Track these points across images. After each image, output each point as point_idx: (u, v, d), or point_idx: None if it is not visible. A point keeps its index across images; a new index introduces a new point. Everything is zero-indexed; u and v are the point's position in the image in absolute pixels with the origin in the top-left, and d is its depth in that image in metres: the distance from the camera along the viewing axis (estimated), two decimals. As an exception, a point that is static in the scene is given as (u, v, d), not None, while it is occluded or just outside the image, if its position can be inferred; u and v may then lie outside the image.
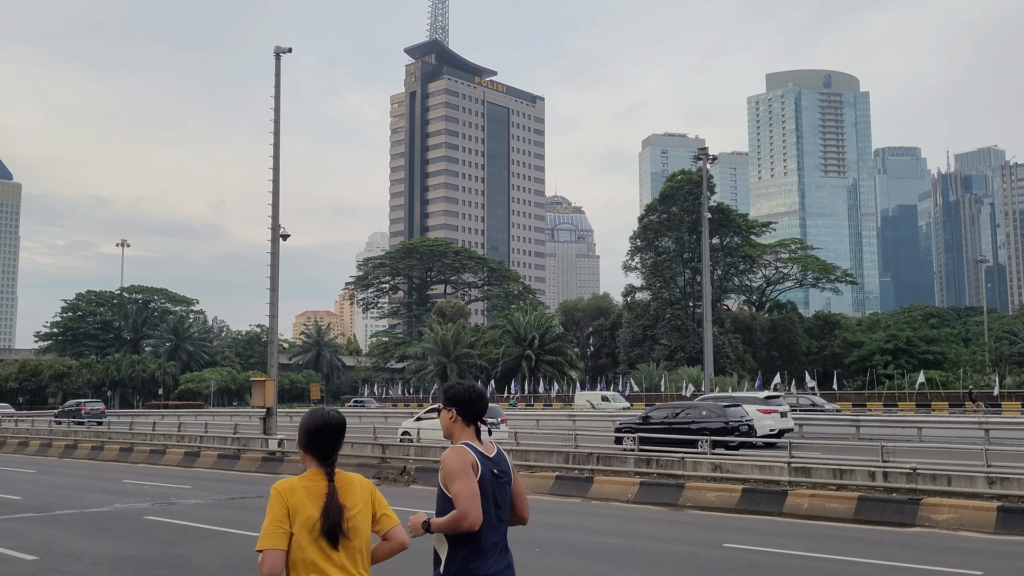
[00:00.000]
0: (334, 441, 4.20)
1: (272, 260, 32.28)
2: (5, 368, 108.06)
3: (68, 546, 12.68)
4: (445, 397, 4.67)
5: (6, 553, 12.03)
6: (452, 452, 4.48)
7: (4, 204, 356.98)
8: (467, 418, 4.63)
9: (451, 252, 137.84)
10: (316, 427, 4.20)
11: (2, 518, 15.91)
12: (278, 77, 32.61)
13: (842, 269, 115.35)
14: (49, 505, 17.83)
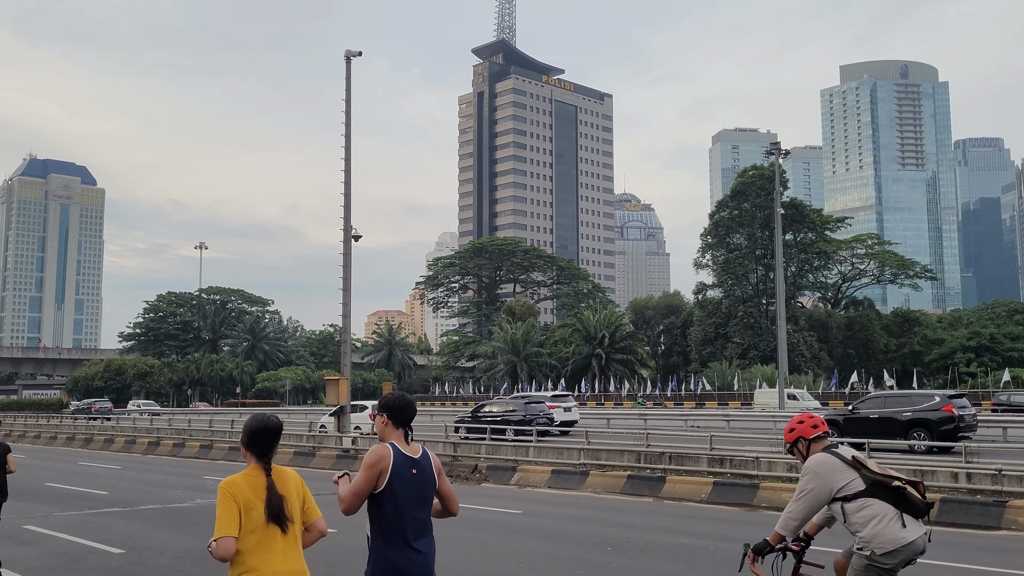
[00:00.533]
0: (271, 441, 4.75)
1: (344, 261, 32.74)
2: (91, 367, 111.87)
3: (152, 540, 13.07)
4: (379, 404, 5.22)
5: (95, 546, 12.46)
6: (373, 448, 5.04)
7: (89, 209, 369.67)
8: (395, 422, 5.14)
9: (520, 251, 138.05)
10: (256, 429, 4.75)
11: (90, 512, 16.48)
12: (349, 80, 33.06)
13: (921, 264, 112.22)
14: (134, 500, 18.40)
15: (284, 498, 4.62)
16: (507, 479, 21.35)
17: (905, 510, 5.47)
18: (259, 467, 4.70)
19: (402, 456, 5.01)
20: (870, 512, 5.48)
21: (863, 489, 5.51)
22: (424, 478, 5.06)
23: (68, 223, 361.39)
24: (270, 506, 4.56)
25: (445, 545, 12.27)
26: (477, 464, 22.78)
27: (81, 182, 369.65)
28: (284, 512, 4.59)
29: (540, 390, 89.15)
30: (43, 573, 10.54)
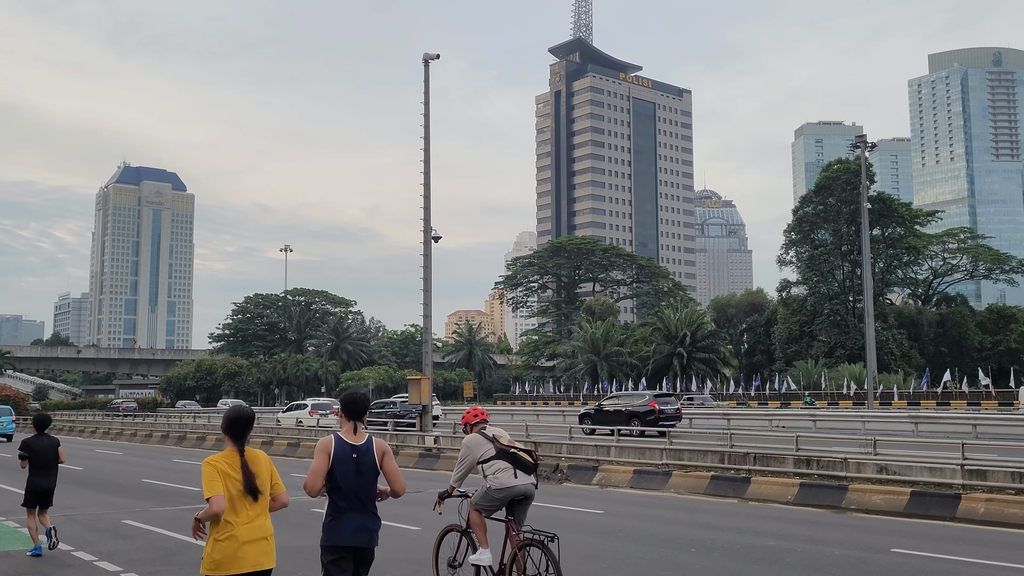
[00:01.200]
0: (245, 428, 5.81)
1: (425, 262, 33.09)
2: (183, 368, 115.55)
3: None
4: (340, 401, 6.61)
5: (190, 541, 12.87)
6: (321, 439, 6.40)
7: (180, 215, 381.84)
8: (347, 416, 6.43)
9: (599, 250, 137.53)
10: (233, 418, 5.81)
11: (184, 508, 17.02)
12: (427, 83, 33.39)
13: (1018, 259, 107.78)
14: (225, 496, 18.92)
15: (255, 474, 5.71)
16: (588, 479, 21.29)
17: (518, 467, 8.55)
18: (235, 449, 5.75)
19: (344, 443, 6.31)
20: (495, 467, 8.58)
21: (495, 454, 8.61)
22: (363, 461, 6.31)
23: (160, 228, 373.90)
24: (245, 479, 5.64)
25: (528, 544, 12.32)
26: (558, 464, 22.77)
27: (172, 188, 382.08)
28: (255, 485, 5.68)
29: (622, 389, 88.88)
30: (141, 566, 10.93)
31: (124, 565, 10.94)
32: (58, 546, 11.96)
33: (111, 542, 12.75)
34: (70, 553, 11.85)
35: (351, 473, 6.26)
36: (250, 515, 5.65)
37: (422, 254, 33.25)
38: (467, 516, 9.11)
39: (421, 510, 16.46)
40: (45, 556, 11.65)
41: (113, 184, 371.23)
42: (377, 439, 6.54)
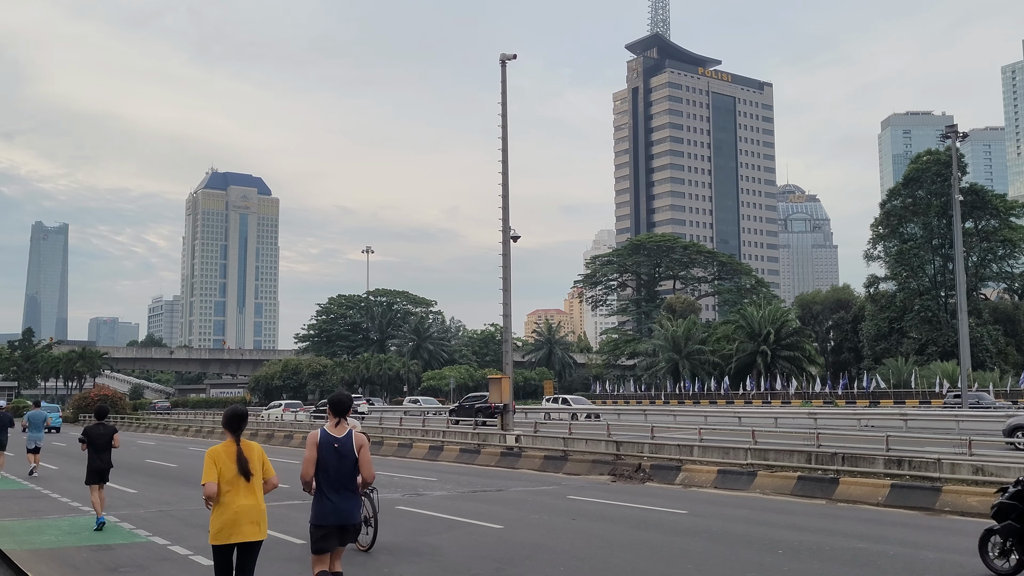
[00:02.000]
0: (240, 423, 7.19)
1: (504, 262, 33.21)
2: (270, 368, 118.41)
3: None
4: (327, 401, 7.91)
5: (279, 536, 13.21)
6: (310, 434, 7.67)
7: (265, 218, 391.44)
8: (332, 412, 7.77)
9: (679, 247, 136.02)
10: (230, 415, 7.24)
11: (273, 504, 17.43)
12: (504, 84, 33.51)
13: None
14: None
15: (248, 460, 7.06)
16: (671, 478, 21.10)
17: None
18: (232, 440, 7.12)
19: (327, 435, 7.62)
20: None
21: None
22: (343, 451, 7.59)
23: (247, 232, 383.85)
24: (239, 464, 6.98)
25: (610, 543, 12.30)
26: (640, 463, 22.62)
27: (258, 192, 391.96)
28: (248, 468, 7.02)
29: (704, 388, 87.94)
30: (234, 561, 11.25)
31: (218, 559, 11.28)
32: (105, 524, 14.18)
33: (205, 537, 13.16)
34: (167, 547, 12.28)
35: (332, 460, 7.58)
36: (244, 494, 7.03)
37: (501, 254, 33.37)
38: None
39: (503, 508, 16.56)
40: (144, 550, 12.09)
41: (202, 189, 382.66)
42: (357, 433, 7.77)
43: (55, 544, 12.80)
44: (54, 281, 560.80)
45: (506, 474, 24.30)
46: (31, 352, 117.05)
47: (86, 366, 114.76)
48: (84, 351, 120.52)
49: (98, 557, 11.64)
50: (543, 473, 24.30)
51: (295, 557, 11.55)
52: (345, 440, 7.62)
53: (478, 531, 13.75)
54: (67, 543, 12.94)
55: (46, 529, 14.31)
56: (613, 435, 26.57)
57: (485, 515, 15.41)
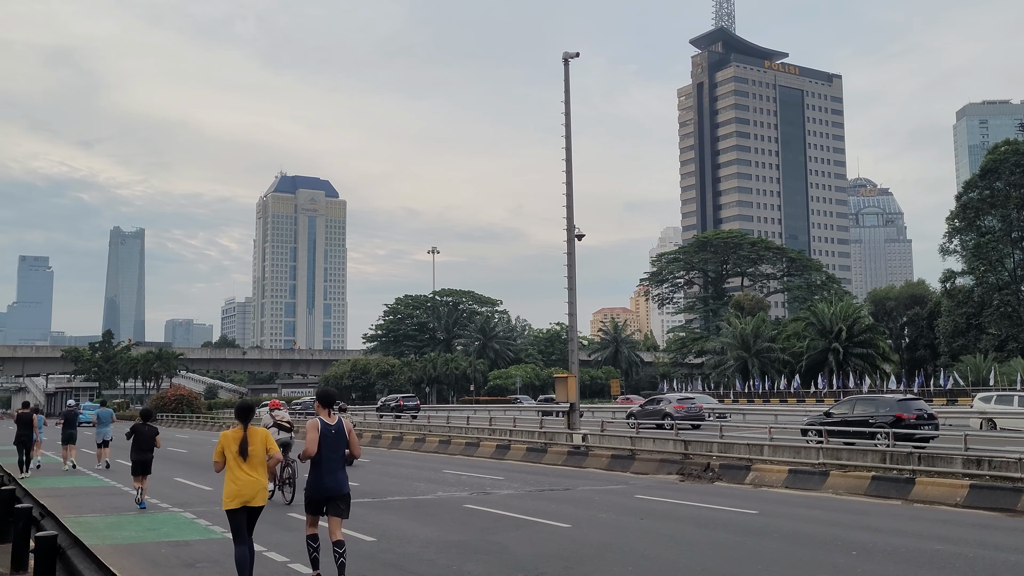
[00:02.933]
0: (247, 413, 9.36)
1: (568, 260, 33.16)
2: (340, 367, 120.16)
3: (400, 530, 13.88)
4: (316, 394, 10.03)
5: (350, 534, 13.39)
6: (309, 421, 9.36)
7: (333, 221, 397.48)
8: (322, 405, 9.59)
9: (747, 243, 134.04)
10: (238, 407, 9.49)
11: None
12: (567, 82, 33.45)
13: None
14: (381, 492, 19.60)
15: (249, 442, 9.09)
16: (741, 478, 20.83)
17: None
18: (240, 427, 9.21)
19: (324, 423, 9.34)
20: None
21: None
22: (338, 436, 9.37)
23: (315, 234, 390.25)
24: (241, 446, 9.07)
25: (679, 543, 12.22)
26: (709, 463, 22.39)
27: (325, 195, 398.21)
28: (248, 450, 9.05)
29: (775, 386, 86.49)
30: (305, 556, 11.44)
31: (290, 556, 11.50)
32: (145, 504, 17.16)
33: (277, 534, 13.43)
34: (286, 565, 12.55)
35: (329, 441, 9.30)
36: (246, 469, 9.05)
37: (566, 252, 33.31)
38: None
39: (570, 507, 16.56)
40: (219, 546, 12.40)
41: (271, 193, 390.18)
42: (345, 420, 9.67)
43: (135, 539, 13.20)
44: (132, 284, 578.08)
45: (573, 473, 24.28)
46: (111, 353, 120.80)
47: (163, 367, 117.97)
48: (161, 352, 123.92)
49: (175, 552, 11.97)
50: (610, 472, 24.21)
51: (364, 554, 11.71)
52: (337, 426, 9.46)
53: (545, 530, 13.76)
54: (146, 539, 13.34)
55: (126, 525, 14.77)
56: (681, 434, 26.33)
57: (552, 514, 15.42)
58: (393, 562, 11.18)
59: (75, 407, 28.37)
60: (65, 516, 12.42)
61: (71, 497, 19.02)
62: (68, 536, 7.78)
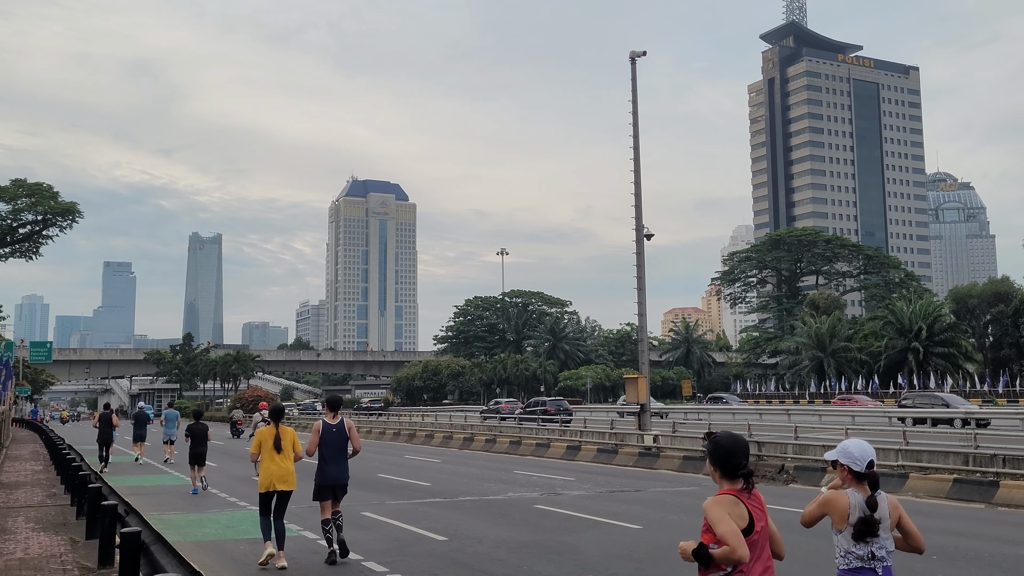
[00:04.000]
0: (279, 415, 11.43)
1: (638, 260, 32.95)
2: (411, 369, 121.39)
3: (471, 529, 13.99)
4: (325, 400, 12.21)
5: (422, 533, 13.58)
6: (315, 424, 11.23)
7: (403, 224, 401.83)
8: (329, 408, 11.57)
9: (821, 241, 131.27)
10: (272, 409, 11.75)
11: (416, 502, 17.94)
12: (634, 81, 33.25)
13: None
14: (453, 492, 19.76)
15: (281, 438, 11.01)
16: (817, 480, 20.44)
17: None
18: (273, 425, 11.16)
19: (327, 424, 11.24)
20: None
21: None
22: (339, 433, 11.22)
23: (386, 237, 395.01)
24: (274, 441, 10.97)
25: (752, 546, 12.03)
26: (784, 464, 22.04)
27: (395, 199, 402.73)
28: (280, 444, 10.97)
29: (851, 387, 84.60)
30: (380, 555, 11.64)
31: (364, 554, 11.68)
32: (208, 488, 20.43)
33: (352, 532, 13.64)
34: (316, 541, 12.80)
35: (332, 439, 11.21)
36: (278, 460, 10.96)
37: (635, 252, 33.11)
38: None
39: (642, 508, 16.47)
40: (296, 544, 12.66)
41: (343, 197, 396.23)
42: (347, 419, 11.56)
43: (215, 537, 13.57)
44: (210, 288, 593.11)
45: (644, 474, 24.14)
46: (191, 356, 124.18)
47: (240, 368, 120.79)
48: (238, 354, 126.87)
49: (254, 550, 12.26)
50: (682, 474, 24.00)
51: (436, 553, 11.84)
52: (339, 425, 11.35)
53: (616, 531, 13.72)
54: (226, 536, 13.70)
55: (207, 523, 15.19)
56: (754, 435, 25.95)
57: (623, 515, 15.36)
58: (464, 561, 11.28)
59: (144, 409, 32.38)
60: (149, 513, 12.83)
61: (154, 495, 19.64)
62: (151, 533, 8.04)
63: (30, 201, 60.16)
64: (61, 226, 62.29)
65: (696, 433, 28.36)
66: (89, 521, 12.17)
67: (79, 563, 10.50)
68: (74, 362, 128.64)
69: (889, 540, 5.00)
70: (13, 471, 25.28)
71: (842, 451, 4.93)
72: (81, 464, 17.49)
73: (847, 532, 4.87)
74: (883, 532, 4.94)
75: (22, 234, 61.41)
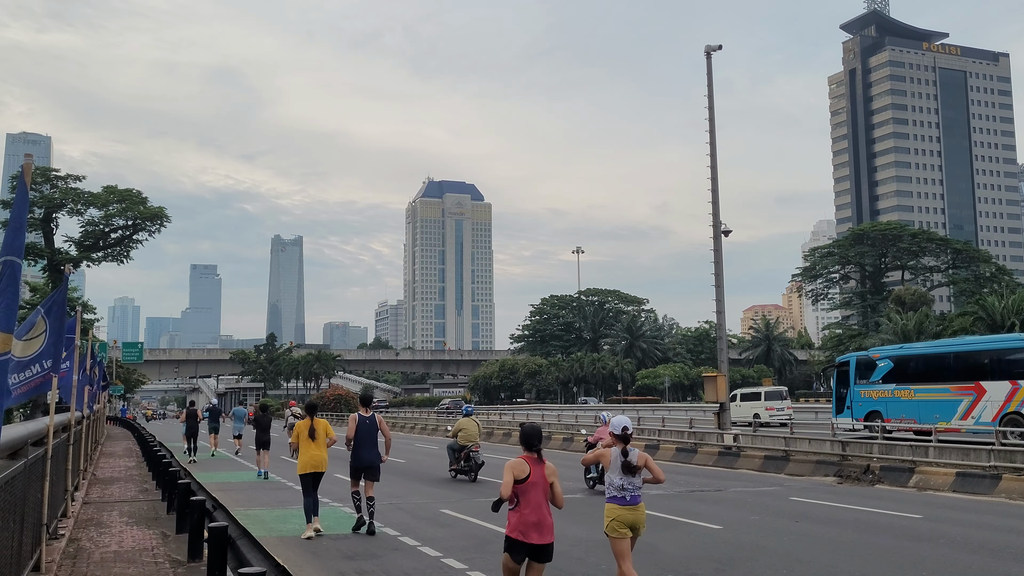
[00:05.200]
0: (313, 409, 14.22)
1: (715, 257, 32.54)
2: (488, 368, 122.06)
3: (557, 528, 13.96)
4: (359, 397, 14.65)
5: (500, 530, 13.61)
6: (351, 415, 13.63)
7: (479, 224, 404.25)
8: (362, 404, 13.92)
9: (907, 235, 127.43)
10: (308, 404, 14.94)
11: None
12: (710, 75, 32.85)
13: None
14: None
15: (315, 429, 13.21)
16: (903, 481, 19.89)
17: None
18: (309, 417, 13.41)
19: (361, 417, 13.38)
20: None
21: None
22: (371, 425, 13.37)
23: (462, 237, 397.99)
24: (309, 431, 13.19)
25: (837, 547, 11.80)
26: (869, 464, 21.48)
27: (471, 199, 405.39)
28: (314, 434, 13.18)
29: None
30: (459, 552, 11.74)
31: (443, 551, 11.80)
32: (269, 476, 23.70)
33: (431, 529, 13.81)
34: (396, 538, 12.98)
35: (363, 429, 13.46)
36: (312, 448, 13.19)
37: (712, 249, 32.72)
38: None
39: (722, 508, 16.26)
40: (377, 540, 12.86)
41: (420, 199, 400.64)
42: (378, 415, 13.76)
43: (298, 532, 13.85)
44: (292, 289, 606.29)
45: (724, 474, 23.81)
46: (274, 355, 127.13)
47: (322, 367, 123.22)
48: (320, 354, 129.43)
49: (336, 545, 12.49)
50: (763, 474, 23.61)
51: (515, 551, 11.85)
52: (371, 418, 13.63)
53: (696, 531, 13.57)
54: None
55: (290, 518, 15.52)
56: (838, 435, 25.35)
57: (703, 515, 15.19)
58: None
59: (217, 405, 36.43)
60: (235, 509, 13.19)
61: (240, 491, 20.15)
62: (237, 527, 8.25)
63: (121, 207, 62.27)
64: (150, 231, 64.35)
65: (778, 433, 27.87)
66: (179, 516, 12.56)
67: (170, 556, 10.85)
68: (164, 362, 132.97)
69: (638, 479, 8.18)
70: (108, 467, 26.25)
71: (611, 424, 8.22)
72: (171, 461, 18.06)
73: (615, 471, 8.12)
74: (636, 474, 8.15)
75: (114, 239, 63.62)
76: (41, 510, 8.89)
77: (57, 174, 61.08)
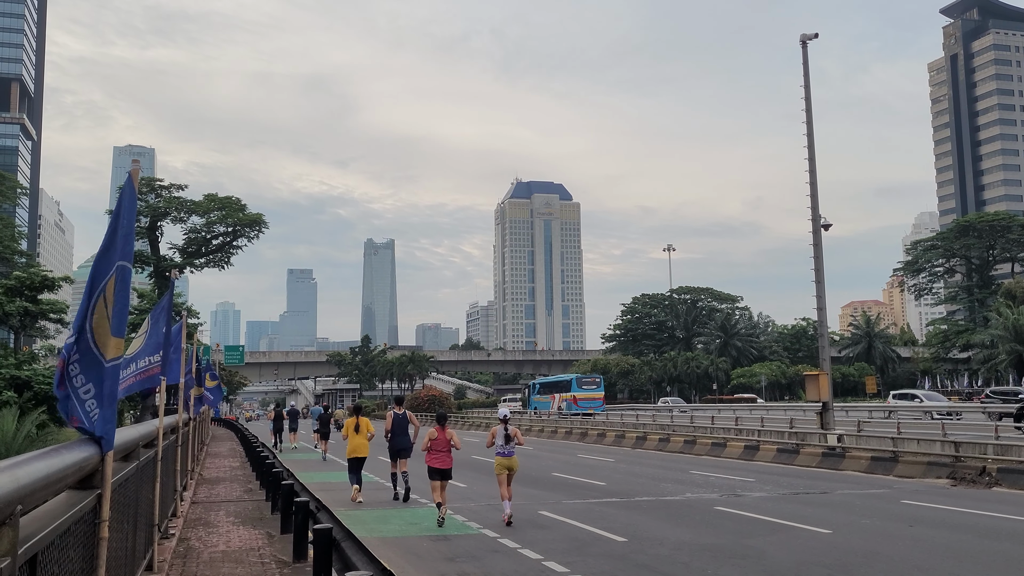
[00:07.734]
0: (359, 410, 19.83)
1: (815, 252, 31.61)
2: (580, 367, 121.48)
3: (650, 531, 13.74)
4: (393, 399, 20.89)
5: (600, 533, 13.45)
6: (387, 412, 19.43)
7: (568, 223, 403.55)
8: (396, 403, 19.08)
9: (1016, 226, 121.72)
10: (353, 407, 21.29)
11: (592, 501, 17.83)
12: (806, 65, 31.92)
13: None
14: (629, 492, 19.54)
15: (360, 425, 18.73)
16: (1020, 484, 18.91)
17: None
18: (355, 417, 19.07)
19: (396, 414, 18.37)
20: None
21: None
22: (403, 419, 18.26)
23: (551, 237, 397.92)
24: (355, 426, 18.71)
25: (956, 554, 11.25)
26: (985, 466, 20.50)
27: (559, 199, 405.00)
28: (359, 428, 18.68)
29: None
30: (559, 555, 11.61)
31: (544, 553, 11.69)
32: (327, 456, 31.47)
33: (531, 531, 13.71)
34: (496, 540, 12.93)
35: (397, 423, 17.99)
36: (357, 438, 18.45)
37: (811, 244, 31.76)
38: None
39: (829, 512, 15.72)
40: (476, 542, 12.85)
41: (508, 200, 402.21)
42: (409, 412, 18.34)
43: (399, 533, 13.95)
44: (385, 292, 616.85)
45: (828, 475, 23.09)
46: (369, 357, 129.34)
47: (415, 368, 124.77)
48: (413, 355, 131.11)
49: (436, 547, 12.51)
50: (870, 475, 22.80)
51: (616, 554, 11.69)
52: (402, 415, 18.06)
53: (804, 535, 13.13)
54: (409, 532, 14.05)
55: (391, 519, 15.66)
56: (950, 435, 24.30)
57: (809, 518, 14.70)
58: (645, 563, 11.07)
59: (295, 406, 41.53)
60: (337, 509, 13.35)
61: (341, 491, 20.43)
62: (341, 529, 8.29)
63: (221, 214, 64.30)
64: (249, 236, 66.27)
65: (885, 433, 26.86)
66: (283, 516, 12.77)
67: (275, 556, 11.01)
68: (264, 364, 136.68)
69: (512, 445, 14.95)
70: (214, 467, 27.03)
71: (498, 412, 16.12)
72: (274, 462, 18.45)
73: (500, 438, 15.05)
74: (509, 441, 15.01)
75: (215, 245, 65.74)
76: (152, 510, 9.10)
77: (161, 184, 63.42)
